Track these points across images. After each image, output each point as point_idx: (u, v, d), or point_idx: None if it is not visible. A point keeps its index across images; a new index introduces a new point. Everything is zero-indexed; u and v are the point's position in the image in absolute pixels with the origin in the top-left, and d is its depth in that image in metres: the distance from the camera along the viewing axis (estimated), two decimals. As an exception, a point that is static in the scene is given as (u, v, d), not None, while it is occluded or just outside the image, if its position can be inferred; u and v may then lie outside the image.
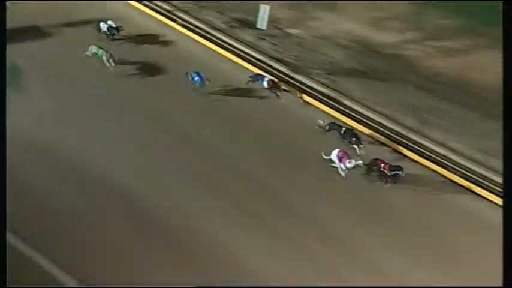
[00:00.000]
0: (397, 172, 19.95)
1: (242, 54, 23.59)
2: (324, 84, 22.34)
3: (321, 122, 21.19)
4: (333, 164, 20.05)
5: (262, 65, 23.36)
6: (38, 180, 17.00)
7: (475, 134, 20.63)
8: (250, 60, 23.29)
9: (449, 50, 25.00)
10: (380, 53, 24.83)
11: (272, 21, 25.16)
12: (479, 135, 20.47)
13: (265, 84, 22.41)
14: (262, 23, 24.51)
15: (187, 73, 22.32)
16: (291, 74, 22.69)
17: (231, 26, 24.99)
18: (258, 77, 22.79)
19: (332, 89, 22.20)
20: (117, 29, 24.39)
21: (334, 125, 21.46)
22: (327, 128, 21.37)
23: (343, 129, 21.03)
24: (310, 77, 22.66)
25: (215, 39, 24.25)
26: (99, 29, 24.33)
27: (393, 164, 20.07)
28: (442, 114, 21.48)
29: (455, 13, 26.31)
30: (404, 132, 20.57)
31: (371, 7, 27.13)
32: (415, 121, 21.06)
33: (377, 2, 27.24)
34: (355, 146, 20.67)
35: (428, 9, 26.71)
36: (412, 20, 26.37)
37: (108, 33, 24.23)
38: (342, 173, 20.07)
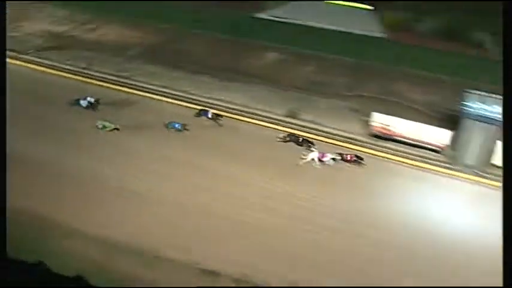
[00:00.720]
0: (359, 160, 23.71)
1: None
2: (37, 57, 36.27)
3: (281, 135, 24.11)
4: (307, 160, 22.71)
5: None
6: None
7: (115, 61, 35.97)
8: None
9: (105, 27, 40.85)
10: (60, 36, 40.43)
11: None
12: (122, 58, 36.21)
13: (209, 115, 25.10)
14: None
15: (167, 125, 25.63)
16: (19, 55, 35.99)
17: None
18: (203, 112, 25.23)
19: (42, 58, 36.81)
20: (97, 101, 29.36)
21: (292, 136, 23.41)
22: (287, 138, 23.65)
23: (300, 139, 23.29)
24: (28, 54, 36.42)
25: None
26: (80, 105, 29.03)
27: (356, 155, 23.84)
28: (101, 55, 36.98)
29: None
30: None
31: (56, 16, 41.55)
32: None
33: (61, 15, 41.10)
34: (312, 149, 23.16)
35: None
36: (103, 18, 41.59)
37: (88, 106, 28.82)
38: (318, 165, 22.87)
